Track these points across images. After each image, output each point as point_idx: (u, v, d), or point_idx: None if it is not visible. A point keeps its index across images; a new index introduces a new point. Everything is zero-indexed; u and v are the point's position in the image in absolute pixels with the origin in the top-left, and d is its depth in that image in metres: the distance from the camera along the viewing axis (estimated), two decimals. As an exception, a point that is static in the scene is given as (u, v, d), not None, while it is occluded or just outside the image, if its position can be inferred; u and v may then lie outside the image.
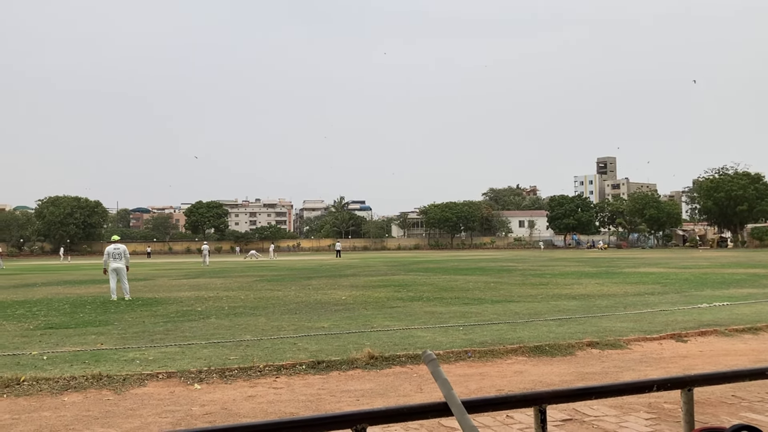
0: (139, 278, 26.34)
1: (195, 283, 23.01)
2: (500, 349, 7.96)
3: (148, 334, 9.73)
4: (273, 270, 33.68)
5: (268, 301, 14.94)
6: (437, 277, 23.62)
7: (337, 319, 11.15)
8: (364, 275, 26.20)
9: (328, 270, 32.23)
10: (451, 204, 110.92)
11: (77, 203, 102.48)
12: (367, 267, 35.57)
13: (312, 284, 20.93)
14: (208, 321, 11.30)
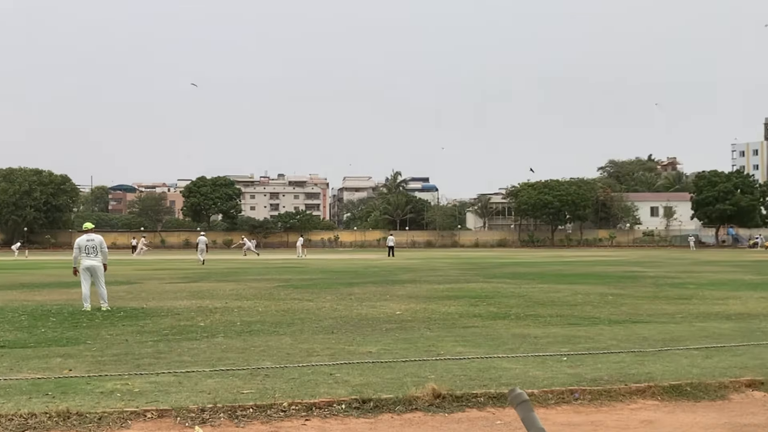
0: (120, 281, 27.05)
1: (197, 288, 23.49)
2: (621, 388, 7.84)
3: (132, 357, 9.99)
4: (301, 272, 34.09)
5: (295, 316, 15.12)
6: (531, 286, 23.41)
7: (389, 342, 11.19)
8: (426, 282, 26.22)
9: (377, 273, 32.40)
10: (552, 183, 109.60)
11: (37, 178, 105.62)
12: (432, 270, 35.58)
13: (355, 293, 21.07)
14: (213, 341, 11.52)
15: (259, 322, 13.94)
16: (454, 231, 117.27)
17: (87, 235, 17.28)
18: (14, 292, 22.33)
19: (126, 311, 16.29)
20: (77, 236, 18.03)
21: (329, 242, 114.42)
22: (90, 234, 17.31)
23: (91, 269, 16.99)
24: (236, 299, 19.25)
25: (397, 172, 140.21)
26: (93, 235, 17.29)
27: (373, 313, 15.45)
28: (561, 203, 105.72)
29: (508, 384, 8.01)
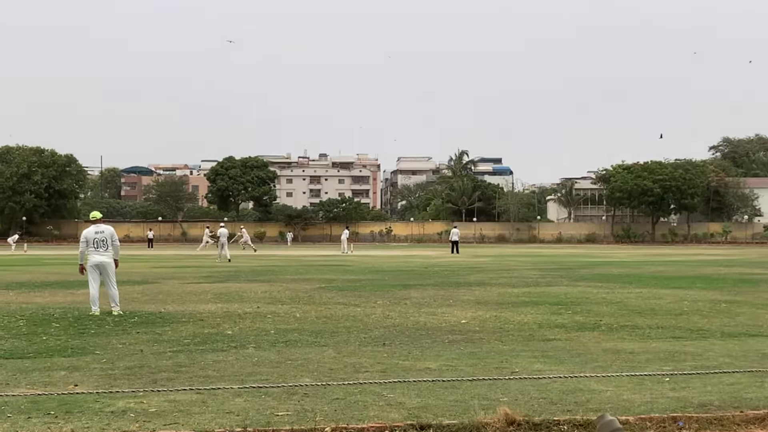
0: (135, 281, 27.43)
1: (223, 289, 23.73)
2: (735, 416, 7.72)
3: (148, 370, 10.13)
4: (347, 272, 34.20)
5: (340, 323, 15.18)
6: (626, 291, 23.16)
7: (452, 357, 11.17)
8: (498, 284, 26.10)
9: (438, 274, 32.35)
10: (652, 166, 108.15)
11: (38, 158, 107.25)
12: (505, 270, 35.40)
13: (411, 297, 21.06)
14: (243, 352, 11.63)
15: (296, 331, 14.02)
16: (531, 223, 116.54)
17: (95, 226, 17.45)
18: (11, 292, 22.79)
19: (141, 316, 16.52)
20: (84, 227, 18.29)
21: (380, 236, 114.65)
22: (98, 225, 17.48)
23: (101, 266, 17.21)
24: (270, 303, 19.38)
25: (463, 151, 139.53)
26: (102, 226, 17.47)
27: (433, 322, 15.43)
28: (663, 190, 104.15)
29: (598, 409, 7.93)
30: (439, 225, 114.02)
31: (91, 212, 18.30)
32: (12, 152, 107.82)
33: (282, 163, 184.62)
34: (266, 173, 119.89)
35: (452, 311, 17.41)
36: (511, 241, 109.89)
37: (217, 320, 15.73)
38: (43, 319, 16.01)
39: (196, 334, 13.72)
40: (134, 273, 32.00)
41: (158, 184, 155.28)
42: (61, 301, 20.08)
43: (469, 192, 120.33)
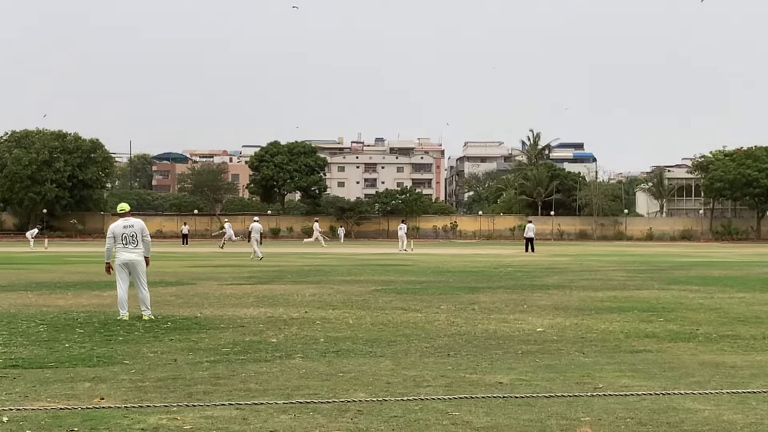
0: (168, 281, 27.70)
1: (267, 292, 23.87)
2: None
3: (183, 382, 10.22)
4: (406, 272, 34.21)
5: (398, 331, 15.19)
6: (727, 296, 22.88)
7: (526, 370, 11.11)
8: (579, 287, 25.94)
9: (511, 275, 32.22)
10: (757, 153, 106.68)
11: (60, 143, 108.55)
12: (587, 271, 35.17)
13: (480, 301, 21.01)
14: (289, 363, 11.68)
15: (349, 339, 14.05)
16: (617, 217, 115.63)
17: (123, 219, 17.56)
18: (30, 294, 23.12)
19: (174, 321, 16.68)
20: (111, 221, 18.47)
21: (444, 231, 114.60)
22: (127, 218, 17.58)
23: (130, 265, 17.34)
24: (319, 307, 19.45)
25: (539, 134, 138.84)
26: (131, 220, 17.58)
27: (504, 330, 15.38)
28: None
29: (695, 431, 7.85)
30: (512, 219, 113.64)
31: (119, 204, 18.32)
32: (31, 137, 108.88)
33: (333, 149, 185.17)
34: (315, 160, 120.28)
35: (526, 318, 17.35)
36: (594, 238, 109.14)
37: (260, 326, 15.82)
38: (65, 324, 16.21)
39: (236, 341, 13.82)
40: (167, 273, 32.30)
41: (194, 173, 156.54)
42: (86, 303, 20.32)
43: (545, 182, 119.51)
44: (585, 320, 16.93)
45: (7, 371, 11.05)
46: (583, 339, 14.22)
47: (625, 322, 16.58)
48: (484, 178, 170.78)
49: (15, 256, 51.23)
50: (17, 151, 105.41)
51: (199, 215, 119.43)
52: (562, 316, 17.76)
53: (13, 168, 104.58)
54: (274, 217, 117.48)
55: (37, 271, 34.49)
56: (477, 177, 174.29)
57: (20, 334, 14.65)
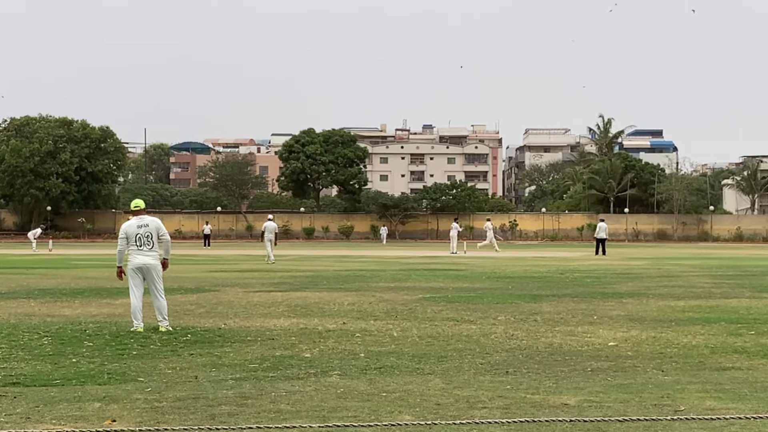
0: (188, 288, 27.83)
1: (299, 300, 23.95)
2: None
3: (205, 402, 10.26)
4: (459, 278, 34.16)
5: (449, 345, 15.18)
6: (828, 305, 22.66)
7: (596, 389, 11.07)
8: (657, 295, 25.80)
9: (579, 282, 32.10)
10: None
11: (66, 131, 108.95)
12: (666, 277, 34.97)
13: (542, 311, 20.97)
14: (325, 381, 11.70)
15: (393, 354, 14.06)
16: (702, 215, 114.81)
17: (137, 218, 17.58)
18: (32, 302, 23.32)
19: (195, 333, 16.76)
20: (123, 219, 18.52)
21: (502, 231, 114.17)
22: (142, 216, 17.61)
23: (144, 270, 17.40)
24: (359, 318, 19.48)
25: (610, 120, 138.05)
26: (146, 218, 17.58)
27: (571, 344, 15.34)
28: None
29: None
30: (579, 218, 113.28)
31: (133, 201, 18.25)
32: (32, 124, 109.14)
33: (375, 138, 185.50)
34: (355, 151, 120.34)
35: (596, 330, 17.28)
36: (675, 239, 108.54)
37: (292, 339, 15.87)
38: (72, 336, 16.33)
39: (264, 356, 13.87)
40: (186, 278, 32.47)
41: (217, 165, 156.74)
42: (95, 313, 20.48)
43: (618, 174, 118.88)
44: (664, 333, 16.83)
45: (7, 389, 11.13)
46: (662, 355, 14.14)
47: (711, 336, 16.46)
48: (547, 170, 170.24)
49: (16, 259, 51.65)
50: (14, 142, 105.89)
51: (223, 213, 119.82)
52: (638, 328, 17.67)
53: (12, 161, 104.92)
54: (307, 215, 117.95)
55: (40, 276, 34.76)
56: (539, 169, 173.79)
57: (22, 348, 14.78)
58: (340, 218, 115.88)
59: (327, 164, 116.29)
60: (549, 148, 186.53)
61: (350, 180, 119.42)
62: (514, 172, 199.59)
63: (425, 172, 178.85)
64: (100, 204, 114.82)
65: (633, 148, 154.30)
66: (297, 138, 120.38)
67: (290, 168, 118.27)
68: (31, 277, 34.62)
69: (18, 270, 40.03)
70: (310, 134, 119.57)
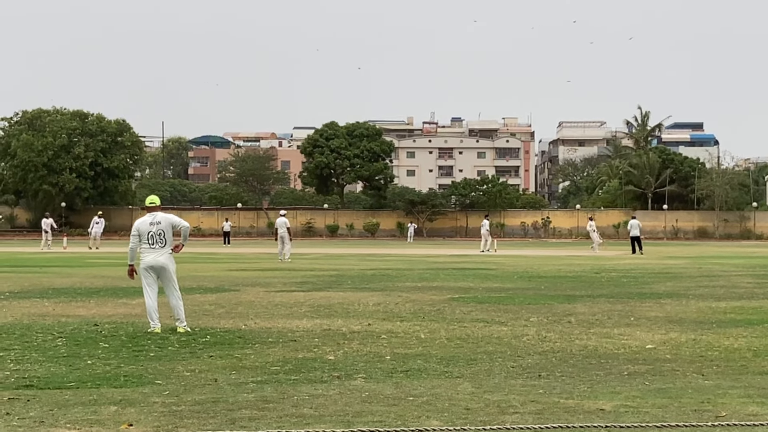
0: (207, 288, 27.90)
1: (323, 300, 24.00)
2: None
3: (224, 406, 10.29)
4: (489, 277, 34.13)
5: (479, 347, 15.19)
6: None
7: (633, 394, 11.05)
8: (698, 296, 25.72)
9: (614, 282, 32.03)
10: None
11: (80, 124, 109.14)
12: (707, 277, 34.84)
13: (577, 312, 20.94)
14: (349, 384, 11.73)
15: (420, 357, 14.07)
16: (744, 212, 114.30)
17: (149, 215, 17.61)
18: (46, 302, 23.43)
19: (214, 335, 16.81)
20: (140, 216, 18.50)
21: (534, 229, 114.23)
22: (154, 213, 17.63)
23: (157, 269, 17.41)
24: (384, 319, 19.51)
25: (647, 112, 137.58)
26: (158, 215, 17.57)
27: (607, 347, 15.32)
28: None
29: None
30: (616, 214, 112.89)
31: (148, 197, 18.27)
32: (44, 117, 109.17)
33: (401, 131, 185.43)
34: (380, 145, 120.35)
35: (633, 332, 17.25)
36: (716, 237, 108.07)
37: (315, 341, 15.91)
38: (87, 337, 16.42)
39: (286, 359, 13.90)
40: (206, 277, 32.55)
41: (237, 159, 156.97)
42: (111, 313, 20.57)
43: (657, 169, 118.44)
44: (704, 335, 16.79)
45: (20, 392, 11.19)
46: (703, 358, 14.12)
47: (754, 338, 16.42)
48: (582, 165, 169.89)
49: (27, 258, 51.87)
50: (26, 136, 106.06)
51: (244, 209, 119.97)
52: (677, 330, 17.64)
53: (24, 155, 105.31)
54: (331, 212, 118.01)
55: (54, 275, 34.88)
56: (573, 164, 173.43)
57: (35, 349, 14.87)
58: (365, 215, 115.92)
59: (351, 159, 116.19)
60: (584, 142, 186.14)
61: (376, 175, 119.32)
62: (547, 167, 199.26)
63: (454, 167, 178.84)
64: (116, 200, 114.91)
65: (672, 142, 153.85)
66: (320, 132, 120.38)
67: (313, 162, 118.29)
68: (44, 275, 34.75)
69: (31, 268, 40.22)
70: (334, 127, 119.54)
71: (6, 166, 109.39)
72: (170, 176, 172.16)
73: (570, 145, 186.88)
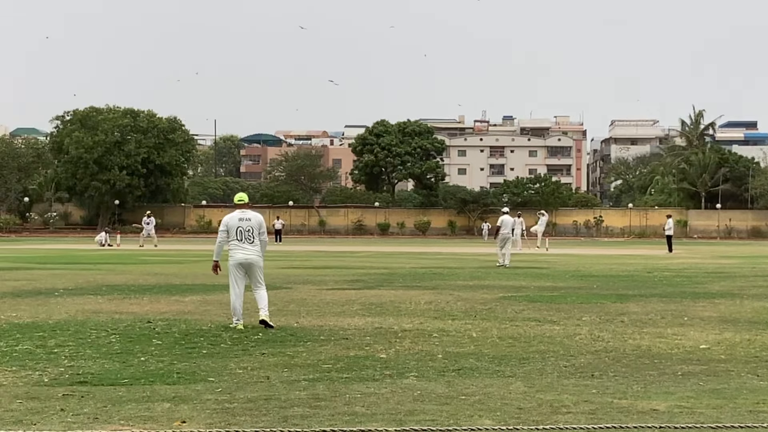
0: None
1: (374, 298, 24.05)
2: None
3: (276, 403, 10.32)
4: (541, 276, 34.05)
5: (531, 347, 15.16)
6: None
7: (687, 394, 10.99)
8: (753, 296, 25.54)
9: (668, 281, 31.86)
10: None
11: (132, 121, 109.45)
12: (762, 277, 34.62)
13: (629, 312, 20.85)
14: (401, 382, 11.73)
15: (472, 356, 14.07)
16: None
17: (239, 211, 17.74)
18: (100, 299, 23.64)
19: (267, 332, 16.90)
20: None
21: (587, 228, 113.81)
22: (245, 210, 17.77)
23: (246, 265, 17.57)
24: (436, 317, 19.50)
25: (700, 111, 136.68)
26: (249, 213, 17.72)
27: (660, 347, 15.25)
28: None
29: None
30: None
31: (237, 194, 18.38)
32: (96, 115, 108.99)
33: (452, 130, 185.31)
34: (432, 143, 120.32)
35: (687, 332, 17.15)
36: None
37: (367, 339, 15.95)
38: (141, 334, 16.55)
39: (338, 357, 13.95)
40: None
41: (288, 158, 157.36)
42: (165, 310, 20.70)
43: (712, 168, 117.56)
44: (760, 336, 16.68)
45: (74, 388, 11.30)
46: (758, 358, 14.02)
47: (809, 339, 16.28)
48: (634, 163, 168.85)
49: (81, 255, 52.26)
50: (78, 134, 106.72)
51: (295, 207, 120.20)
52: (732, 330, 17.52)
53: (78, 154, 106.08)
54: (382, 210, 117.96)
55: (107, 273, 35.14)
56: (626, 162, 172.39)
57: (89, 346, 15.00)
58: (416, 213, 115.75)
59: (402, 157, 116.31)
60: (636, 141, 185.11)
61: (427, 173, 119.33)
62: (599, 166, 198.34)
63: (505, 165, 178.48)
64: (168, 198, 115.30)
65: (725, 141, 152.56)
66: (371, 130, 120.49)
67: (364, 161, 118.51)
68: (98, 273, 35.01)
69: (85, 265, 40.51)
70: (385, 125, 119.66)
71: (59, 163, 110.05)
72: (222, 174, 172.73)
73: (622, 144, 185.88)
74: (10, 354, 14.13)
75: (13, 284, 28.33)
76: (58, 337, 16.02)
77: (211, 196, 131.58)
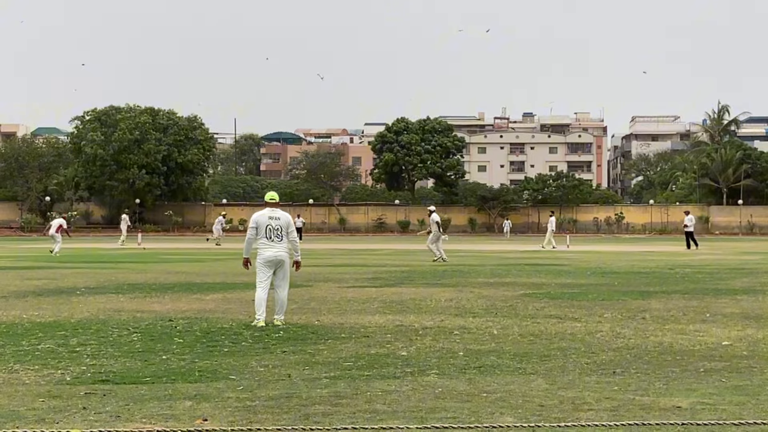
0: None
1: (395, 296, 24.05)
2: None
3: (298, 401, 10.33)
4: (561, 273, 34.01)
5: (552, 344, 15.14)
6: None
7: (709, 391, 10.96)
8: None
9: (689, 277, 31.78)
10: None
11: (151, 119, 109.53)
12: (783, 273, 34.48)
13: (651, 308, 20.81)
14: (422, 380, 11.73)
15: (493, 353, 14.06)
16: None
17: (269, 209, 17.80)
18: (121, 297, 23.72)
19: (287, 330, 16.91)
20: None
21: (607, 224, 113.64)
22: (274, 209, 17.83)
23: (276, 263, 17.64)
24: (457, 315, 19.50)
25: (724, 106, 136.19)
26: (278, 212, 17.80)
27: (682, 343, 15.21)
28: None
29: None
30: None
31: (268, 193, 18.36)
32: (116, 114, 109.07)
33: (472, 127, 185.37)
34: (452, 140, 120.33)
35: (709, 329, 17.11)
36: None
37: (388, 337, 15.96)
38: (162, 332, 16.60)
39: (359, 354, 13.96)
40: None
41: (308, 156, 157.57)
42: (186, 309, 20.75)
43: (735, 164, 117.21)
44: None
45: (96, 387, 11.35)
46: (781, 355, 13.97)
47: (832, 335, 16.23)
48: (655, 160, 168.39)
49: (103, 254, 52.45)
50: (95, 134, 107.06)
51: (315, 205, 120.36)
52: (754, 326, 17.47)
53: (96, 153, 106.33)
54: (402, 208, 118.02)
55: (129, 271, 35.25)
56: (647, 159, 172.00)
57: (111, 344, 15.06)
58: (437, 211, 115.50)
59: (422, 155, 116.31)
60: (657, 137, 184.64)
61: (447, 171, 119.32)
62: (620, 162, 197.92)
63: (525, 162, 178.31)
64: (188, 196, 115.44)
65: (747, 136, 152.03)
66: (390, 128, 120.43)
67: (384, 159, 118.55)
68: (119, 271, 35.13)
69: (106, 264, 40.68)
70: (405, 123, 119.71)
71: (79, 162, 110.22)
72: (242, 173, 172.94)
73: (643, 140, 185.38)
74: (32, 353, 14.18)
75: (35, 283, 28.49)
76: (80, 335, 16.10)
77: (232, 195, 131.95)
